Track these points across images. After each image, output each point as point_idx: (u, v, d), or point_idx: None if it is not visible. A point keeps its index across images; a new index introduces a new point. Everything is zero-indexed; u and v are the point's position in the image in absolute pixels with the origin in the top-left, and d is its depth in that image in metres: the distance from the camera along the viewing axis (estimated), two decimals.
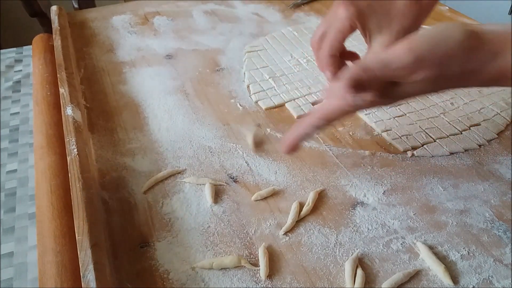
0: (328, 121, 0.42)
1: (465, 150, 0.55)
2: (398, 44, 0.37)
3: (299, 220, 0.46)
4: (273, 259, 0.42)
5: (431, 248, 0.43)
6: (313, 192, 0.48)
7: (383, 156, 0.54)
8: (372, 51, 0.46)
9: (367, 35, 0.46)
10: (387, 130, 0.57)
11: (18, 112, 0.67)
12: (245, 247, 0.43)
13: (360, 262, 0.42)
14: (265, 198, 0.48)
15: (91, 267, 0.37)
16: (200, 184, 0.50)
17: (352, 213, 0.47)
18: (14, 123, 0.65)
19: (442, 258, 0.42)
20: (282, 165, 0.52)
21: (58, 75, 0.61)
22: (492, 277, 0.41)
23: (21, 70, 0.77)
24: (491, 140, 0.57)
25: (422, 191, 0.49)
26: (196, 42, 0.78)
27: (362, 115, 0.60)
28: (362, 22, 0.45)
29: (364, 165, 0.53)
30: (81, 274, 0.37)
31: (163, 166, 0.52)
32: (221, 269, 0.41)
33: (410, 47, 0.36)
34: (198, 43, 0.78)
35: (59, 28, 0.73)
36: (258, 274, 0.41)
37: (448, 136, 0.57)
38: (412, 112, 0.60)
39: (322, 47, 0.47)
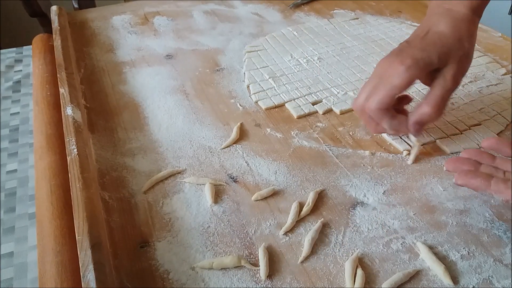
0: None
1: None
2: None
3: (299, 220, 0.46)
4: (273, 259, 0.42)
5: (431, 248, 0.43)
6: (313, 192, 0.48)
7: (383, 156, 0.54)
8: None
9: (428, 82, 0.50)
10: None
11: (18, 112, 0.67)
12: (245, 247, 0.43)
13: (360, 262, 0.42)
14: (265, 198, 0.48)
15: (91, 267, 0.37)
16: (200, 184, 0.50)
17: (352, 213, 0.47)
18: (14, 123, 0.65)
19: (442, 258, 0.42)
20: (282, 165, 0.52)
21: (58, 75, 0.61)
22: (492, 277, 0.41)
23: (21, 70, 0.77)
24: None
25: (422, 191, 0.49)
26: (196, 42, 0.78)
27: None
28: (422, 77, 0.49)
29: (364, 165, 0.53)
30: (81, 274, 0.37)
31: (163, 166, 0.52)
32: (221, 269, 0.41)
33: None
34: (198, 43, 0.78)
35: (59, 28, 0.73)
36: (258, 274, 0.41)
37: (448, 136, 0.57)
38: None
39: (370, 106, 0.48)
